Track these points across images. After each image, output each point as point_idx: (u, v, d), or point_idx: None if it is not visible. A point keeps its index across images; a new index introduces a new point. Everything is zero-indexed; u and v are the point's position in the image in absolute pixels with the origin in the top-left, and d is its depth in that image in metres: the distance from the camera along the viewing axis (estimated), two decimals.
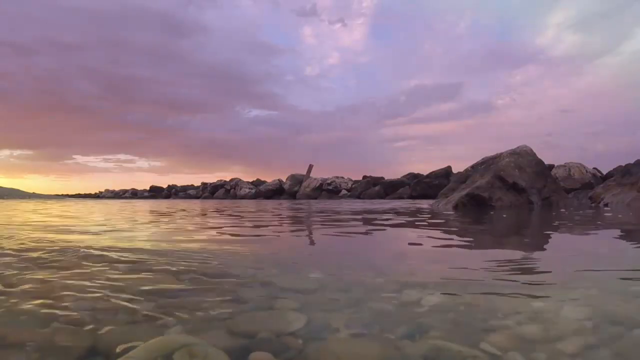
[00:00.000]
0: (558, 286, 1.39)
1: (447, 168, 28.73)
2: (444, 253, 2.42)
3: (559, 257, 2.27)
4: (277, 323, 1.09)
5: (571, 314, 1.08)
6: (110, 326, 1.04)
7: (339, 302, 1.27)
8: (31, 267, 1.83)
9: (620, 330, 0.98)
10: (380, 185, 30.92)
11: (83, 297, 1.30)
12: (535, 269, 1.78)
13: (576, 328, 0.99)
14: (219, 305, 1.24)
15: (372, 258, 2.27)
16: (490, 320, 1.07)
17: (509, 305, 1.19)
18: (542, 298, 1.24)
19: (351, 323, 1.08)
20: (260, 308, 1.22)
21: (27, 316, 1.13)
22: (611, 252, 2.37)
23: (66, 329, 1.03)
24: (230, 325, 1.07)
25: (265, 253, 2.47)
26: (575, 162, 22.27)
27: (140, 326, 1.06)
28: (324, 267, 1.90)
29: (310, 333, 1.02)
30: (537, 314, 1.11)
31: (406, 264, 1.98)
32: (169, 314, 1.13)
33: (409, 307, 1.21)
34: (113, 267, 1.80)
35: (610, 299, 1.22)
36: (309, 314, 1.14)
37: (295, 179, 35.65)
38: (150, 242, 2.82)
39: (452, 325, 1.04)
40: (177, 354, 0.84)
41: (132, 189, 51.90)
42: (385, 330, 1.02)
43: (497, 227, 4.53)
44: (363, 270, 1.79)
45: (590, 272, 1.64)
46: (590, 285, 1.37)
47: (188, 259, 2.01)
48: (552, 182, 10.96)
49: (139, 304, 1.24)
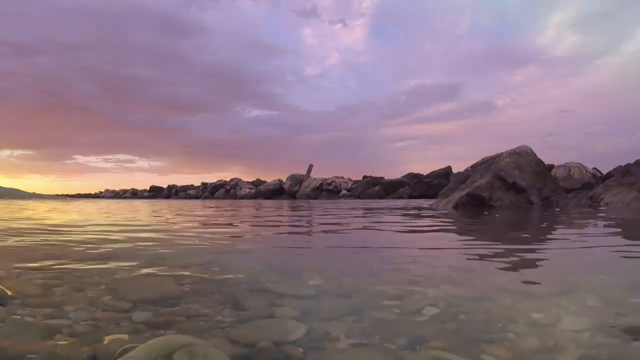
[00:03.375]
0: (557, 295, 1.39)
1: (447, 168, 28.77)
2: (443, 255, 2.42)
3: (558, 263, 2.27)
4: (277, 332, 1.09)
5: (570, 325, 1.09)
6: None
7: (339, 310, 1.27)
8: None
9: (619, 342, 0.98)
10: (380, 185, 30.94)
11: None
12: (535, 277, 1.78)
13: (575, 339, 0.99)
14: (220, 312, 1.25)
15: (372, 261, 2.27)
16: (490, 331, 1.07)
17: (508, 315, 1.19)
18: (541, 308, 1.25)
19: (351, 332, 1.08)
20: (260, 316, 1.22)
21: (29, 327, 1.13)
22: (609, 258, 2.37)
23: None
24: (230, 333, 1.07)
25: (265, 256, 2.48)
26: (575, 162, 22.31)
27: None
28: (323, 272, 1.90)
29: (310, 342, 1.02)
30: (536, 325, 1.11)
31: (406, 268, 1.98)
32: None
33: (409, 316, 1.21)
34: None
35: (609, 310, 1.22)
36: (309, 322, 1.15)
37: (295, 179, 35.66)
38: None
39: (452, 336, 1.05)
40: (177, 354, 0.84)
41: (132, 189, 51.94)
42: (385, 340, 1.03)
43: (496, 229, 4.53)
44: (363, 276, 1.79)
45: (589, 280, 1.64)
46: (589, 295, 1.38)
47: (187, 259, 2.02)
48: (552, 182, 10.96)
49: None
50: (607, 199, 10.33)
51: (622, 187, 10.37)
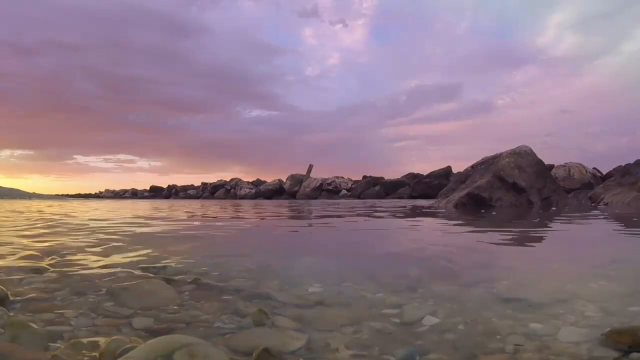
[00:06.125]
0: (555, 305, 1.39)
1: (447, 168, 28.74)
2: (442, 257, 2.42)
3: (558, 269, 2.27)
4: (277, 342, 1.09)
5: (568, 336, 1.09)
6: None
7: (338, 320, 1.27)
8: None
9: (617, 354, 0.98)
10: (380, 185, 30.93)
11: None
12: (534, 285, 1.78)
13: (573, 352, 1.00)
14: (219, 320, 1.25)
15: (372, 264, 2.27)
16: (489, 342, 1.08)
17: (507, 325, 1.19)
18: (539, 318, 1.25)
19: (351, 343, 1.08)
20: (260, 324, 1.23)
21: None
22: (608, 262, 2.37)
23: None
24: (230, 342, 1.08)
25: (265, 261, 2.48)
26: (575, 162, 22.27)
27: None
28: (323, 278, 1.90)
29: (310, 352, 1.02)
30: (535, 335, 1.11)
31: (407, 272, 1.98)
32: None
33: (408, 327, 1.22)
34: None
35: (608, 320, 1.22)
36: (308, 332, 1.15)
37: (295, 179, 35.66)
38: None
39: (451, 347, 1.05)
40: (177, 354, 0.84)
41: (132, 189, 51.93)
42: (384, 352, 1.03)
43: (494, 232, 4.53)
44: (363, 282, 1.80)
45: (588, 289, 1.64)
46: (589, 304, 1.38)
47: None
48: (551, 182, 10.97)
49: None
50: (607, 198, 10.34)
51: (622, 187, 10.38)
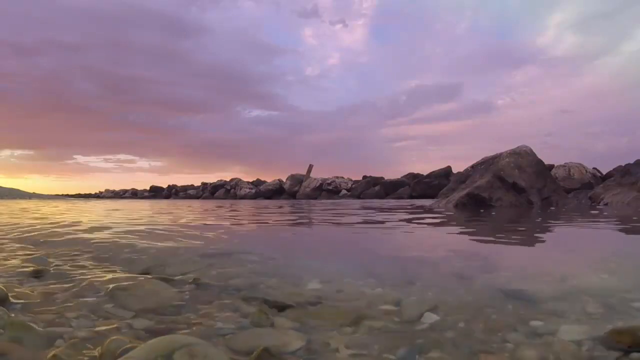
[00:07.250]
0: (556, 302, 1.39)
1: (447, 168, 28.76)
2: (441, 258, 2.42)
3: (557, 267, 2.27)
4: (277, 342, 1.09)
5: (568, 334, 1.08)
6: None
7: (338, 318, 1.27)
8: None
9: (618, 354, 0.98)
10: (380, 185, 30.94)
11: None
12: (533, 282, 1.78)
13: (573, 350, 0.99)
14: (219, 320, 1.25)
15: (372, 264, 2.27)
16: (489, 340, 1.07)
17: (507, 323, 1.19)
18: (540, 315, 1.25)
19: (350, 343, 1.08)
20: (260, 324, 1.22)
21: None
22: (608, 263, 2.37)
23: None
24: (230, 342, 1.07)
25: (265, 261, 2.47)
26: (575, 162, 22.28)
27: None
28: (323, 274, 1.90)
29: (309, 353, 1.02)
30: (535, 333, 1.11)
31: (406, 271, 1.98)
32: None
33: (408, 325, 1.21)
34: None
35: (609, 317, 1.22)
36: (309, 332, 1.15)
37: (296, 179, 35.67)
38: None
39: (451, 345, 1.05)
40: (177, 354, 0.84)
41: (132, 189, 51.95)
42: (384, 351, 1.03)
43: (494, 230, 4.53)
44: (363, 278, 1.79)
45: (588, 286, 1.64)
46: (589, 301, 1.38)
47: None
48: (551, 182, 10.97)
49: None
50: (607, 198, 10.33)
51: (622, 187, 10.37)
